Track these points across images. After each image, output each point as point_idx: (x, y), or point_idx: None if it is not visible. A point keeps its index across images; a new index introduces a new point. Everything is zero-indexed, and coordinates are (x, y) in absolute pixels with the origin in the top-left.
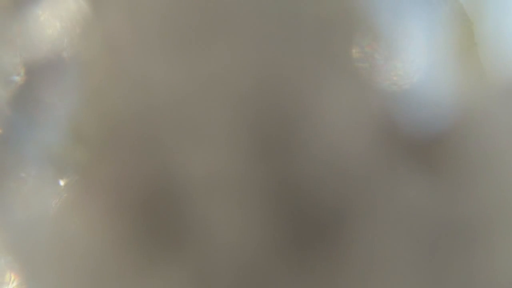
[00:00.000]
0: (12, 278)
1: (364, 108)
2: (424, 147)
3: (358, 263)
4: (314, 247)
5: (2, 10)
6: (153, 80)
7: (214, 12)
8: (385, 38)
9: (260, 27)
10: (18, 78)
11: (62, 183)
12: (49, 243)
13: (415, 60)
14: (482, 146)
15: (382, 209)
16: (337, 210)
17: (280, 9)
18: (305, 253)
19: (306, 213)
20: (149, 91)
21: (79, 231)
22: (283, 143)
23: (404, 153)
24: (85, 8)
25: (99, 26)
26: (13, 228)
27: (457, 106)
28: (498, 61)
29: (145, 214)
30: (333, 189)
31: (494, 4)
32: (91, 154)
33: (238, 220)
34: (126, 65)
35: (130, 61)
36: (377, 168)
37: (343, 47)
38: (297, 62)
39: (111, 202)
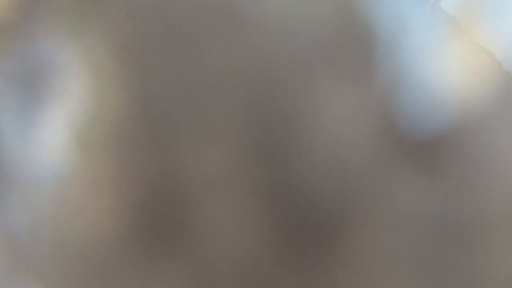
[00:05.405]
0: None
1: (364, 109)
2: (424, 147)
3: (358, 263)
4: (315, 247)
5: (6, 10)
6: (155, 82)
7: (216, 14)
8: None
9: (262, 28)
10: (20, 78)
11: (64, 183)
12: (50, 242)
13: (415, 60)
14: (481, 146)
15: (382, 209)
16: (337, 211)
17: (282, 11)
18: (306, 254)
19: (307, 214)
20: (151, 92)
21: (81, 231)
22: (284, 145)
23: (404, 153)
24: (87, 9)
25: (101, 27)
26: (14, 228)
27: (457, 107)
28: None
29: (147, 214)
30: (333, 190)
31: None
32: (94, 155)
33: (239, 221)
34: (128, 66)
35: (133, 62)
36: (377, 170)
37: (344, 49)
38: (298, 64)
39: (114, 203)
